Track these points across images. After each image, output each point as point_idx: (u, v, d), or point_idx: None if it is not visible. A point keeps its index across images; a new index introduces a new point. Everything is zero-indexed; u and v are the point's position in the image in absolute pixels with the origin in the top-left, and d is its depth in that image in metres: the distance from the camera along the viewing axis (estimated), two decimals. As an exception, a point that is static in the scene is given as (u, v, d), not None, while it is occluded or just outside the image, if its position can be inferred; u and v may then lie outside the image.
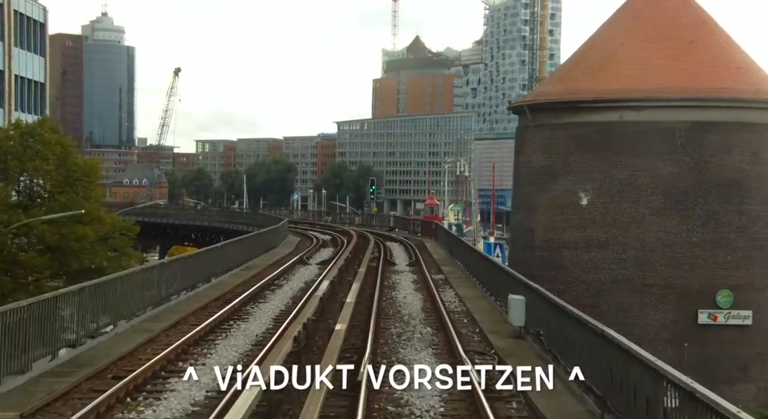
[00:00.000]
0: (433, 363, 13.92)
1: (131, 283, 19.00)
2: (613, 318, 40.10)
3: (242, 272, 29.54)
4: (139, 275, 20.00)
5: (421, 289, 25.38)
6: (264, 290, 24.77)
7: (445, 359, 14.73)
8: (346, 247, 40.28)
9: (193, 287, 24.51)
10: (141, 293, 19.67)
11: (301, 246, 42.69)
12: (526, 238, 43.92)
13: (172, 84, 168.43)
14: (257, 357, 14.31)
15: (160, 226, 75.97)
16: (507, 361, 14.33)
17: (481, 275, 25.67)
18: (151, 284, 20.56)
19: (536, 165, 43.37)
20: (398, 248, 43.30)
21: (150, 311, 20.12)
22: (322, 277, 26.15)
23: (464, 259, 31.67)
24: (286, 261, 33.18)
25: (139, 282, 19.59)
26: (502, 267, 20.81)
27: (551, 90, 42.96)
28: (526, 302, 17.12)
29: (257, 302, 22.26)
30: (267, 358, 12.89)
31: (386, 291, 24.49)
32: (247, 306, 21.45)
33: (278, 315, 20.04)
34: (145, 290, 19.96)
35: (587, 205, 41.34)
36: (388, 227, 62.46)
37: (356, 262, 33.56)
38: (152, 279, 20.75)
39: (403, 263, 34.32)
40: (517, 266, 42.96)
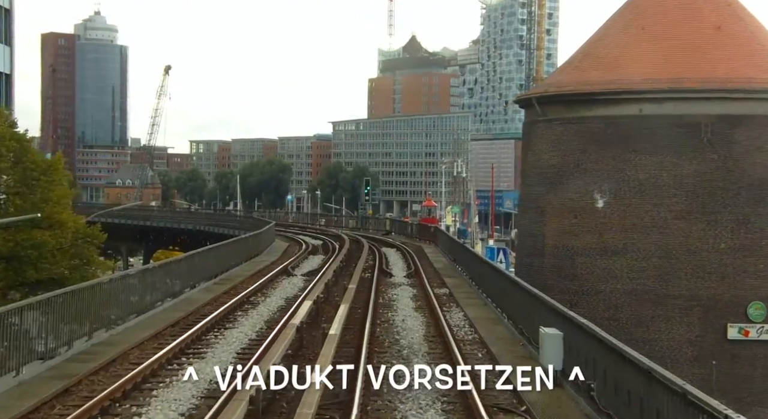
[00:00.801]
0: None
1: (63, 306, 14.96)
2: (632, 332, 36.35)
3: (216, 285, 25.65)
4: (80, 295, 15.87)
5: (423, 308, 21.50)
6: (235, 310, 20.85)
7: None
8: (337, 254, 36.44)
9: (153, 306, 20.65)
10: (73, 322, 15.44)
11: (288, 253, 38.78)
12: (534, 243, 40.06)
13: (162, 82, 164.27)
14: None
15: (145, 229, 72.04)
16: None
17: (494, 291, 21.70)
18: (88, 308, 16.30)
19: (546, 164, 39.51)
20: (395, 255, 39.46)
21: (80, 345, 15.83)
22: (306, 293, 22.32)
23: (471, 270, 27.79)
24: (269, 272, 29.31)
25: (73, 305, 15.50)
26: (527, 288, 16.87)
27: (563, 81, 39.10)
28: (564, 338, 13.22)
29: (223, 329, 18.31)
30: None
31: (381, 311, 20.58)
32: (209, 334, 17.53)
33: (246, 347, 16.03)
34: (80, 317, 15.82)
35: (603, 207, 37.48)
36: (384, 230, 58.53)
37: (348, 273, 29.78)
38: (92, 300, 16.54)
39: (401, 274, 30.42)
40: (524, 274, 39.15)
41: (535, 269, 39.80)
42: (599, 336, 11.79)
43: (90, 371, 13.58)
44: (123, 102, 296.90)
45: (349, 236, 50.46)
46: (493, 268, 22.80)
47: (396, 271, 31.29)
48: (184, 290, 23.58)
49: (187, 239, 68.29)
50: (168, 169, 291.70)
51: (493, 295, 21.82)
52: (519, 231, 41.94)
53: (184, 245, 68.30)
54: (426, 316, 19.82)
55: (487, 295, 22.94)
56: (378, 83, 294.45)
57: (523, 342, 16.74)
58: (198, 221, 65.47)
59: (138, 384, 12.77)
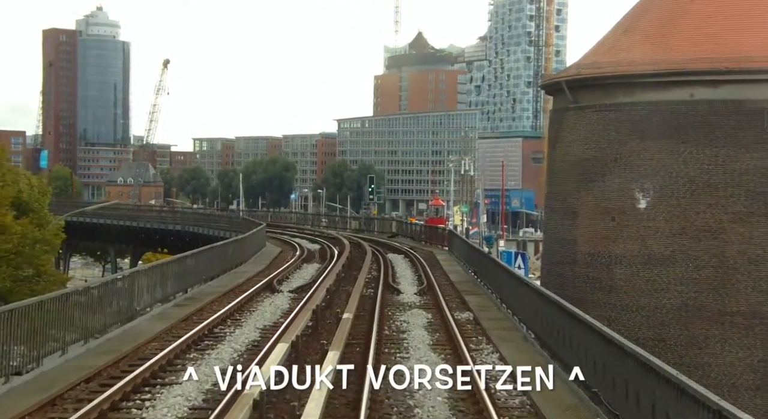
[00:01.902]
0: None
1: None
2: (682, 355, 30.90)
3: (175, 309, 20.03)
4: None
5: (443, 345, 15.89)
6: (189, 350, 15.30)
7: None
8: (336, 262, 31.05)
9: (85, 340, 15.28)
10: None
11: (278, 261, 33.33)
12: (564, 250, 34.54)
13: (160, 76, 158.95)
14: None
15: (133, 230, 66.70)
16: None
17: (539, 323, 16.00)
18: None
19: (578, 158, 33.99)
20: (403, 263, 34.00)
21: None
22: (288, 323, 16.91)
23: (498, 286, 22.08)
24: (249, 287, 23.92)
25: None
26: (609, 334, 11.12)
27: (599, 61, 33.51)
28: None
29: (156, 392, 12.39)
30: None
31: (387, 353, 15.07)
32: (131, 401, 11.90)
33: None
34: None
35: (646, 208, 31.99)
36: (390, 233, 53.01)
37: (345, 290, 24.42)
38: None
39: (411, 290, 24.86)
40: (553, 284, 33.69)
41: (566, 279, 34.29)
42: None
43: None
44: (125, 99, 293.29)
45: (351, 239, 45.08)
46: (541, 295, 16.59)
47: (405, 285, 25.80)
48: (137, 314, 18.21)
49: (176, 241, 62.93)
50: (171, 167, 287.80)
51: (537, 328, 16.18)
52: (546, 236, 36.43)
53: (173, 246, 62.97)
54: (450, 359, 14.30)
55: (527, 326, 17.36)
56: (384, 80, 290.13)
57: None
58: (186, 222, 60.06)
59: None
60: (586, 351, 12.56)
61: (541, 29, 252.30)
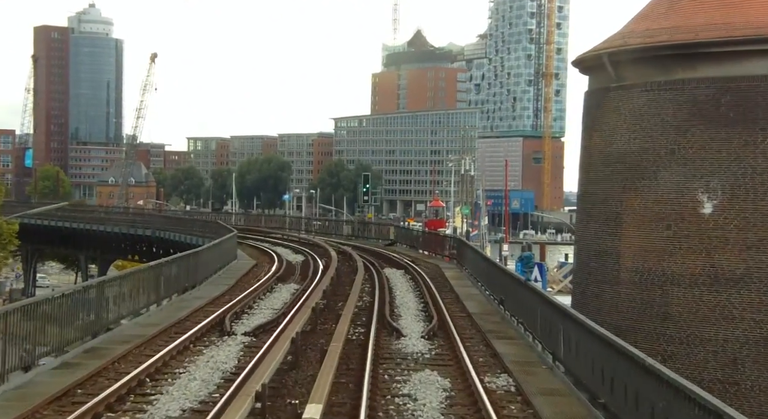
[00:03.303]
0: None
1: None
2: (761, 403, 24.13)
3: (58, 372, 12.89)
4: None
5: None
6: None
7: None
8: (318, 283, 24.16)
9: None
10: None
11: (246, 281, 26.24)
12: (604, 266, 27.65)
13: (148, 71, 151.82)
14: None
15: (100, 235, 59.85)
16: None
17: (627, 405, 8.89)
18: None
19: (623, 150, 27.15)
20: (403, 283, 26.95)
21: None
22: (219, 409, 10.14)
23: (549, 333, 14.75)
24: (191, 325, 16.95)
25: None
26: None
27: (650, 29, 26.57)
28: None
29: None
30: None
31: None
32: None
33: None
34: None
35: (713, 214, 25.19)
36: (387, 240, 45.99)
37: (326, 327, 17.56)
38: None
39: (416, 329, 17.55)
40: (588, 307, 26.87)
41: (605, 303, 27.41)
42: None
43: None
44: (118, 98, 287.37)
45: (340, 249, 38.16)
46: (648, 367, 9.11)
47: (407, 321, 18.69)
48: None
49: (149, 248, 56.10)
50: (165, 167, 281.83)
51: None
52: (579, 247, 29.46)
53: (145, 254, 56.18)
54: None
55: (607, 410, 10.26)
56: (382, 78, 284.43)
57: None
58: (156, 226, 53.24)
59: None
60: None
61: (542, 27, 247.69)
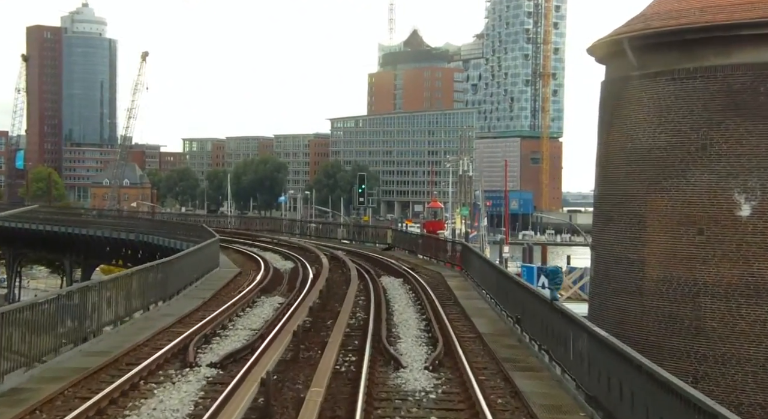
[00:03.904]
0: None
1: None
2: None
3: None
4: None
5: None
6: None
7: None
8: (306, 296, 21.27)
9: None
10: None
11: (225, 293, 23.26)
12: (626, 274, 24.77)
13: (139, 70, 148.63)
14: None
15: (83, 239, 56.93)
16: None
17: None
18: None
19: (647, 145, 24.30)
20: (402, 295, 23.99)
21: None
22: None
23: (569, 353, 12.14)
24: (148, 354, 14.03)
25: None
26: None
27: (679, 9, 23.69)
28: None
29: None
30: None
31: None
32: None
33: None
34: None
35: (751, 216, 22.35)
36: (384, 244, 43.04)
37: (308, 354, 14.69)
38: None
39: (419, 356, 14.30)
40: (608, 322, 24.00)
41: (628, 316, 24.53)
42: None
43: None
44: (112, 98, 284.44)
45: (333, 255, 35.25)
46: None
47: (407, 345, 15.67)
48: None
49: (131, 252, 53.17)
50: (160, 168, 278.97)
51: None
52: (597, 254, 26.56)
53: (130, 258, 53.25)
54: None
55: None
56: (378, 78, 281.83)
57: None
58: (139, 229, 50.34)
59: None
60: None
61: (540, 26, 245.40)
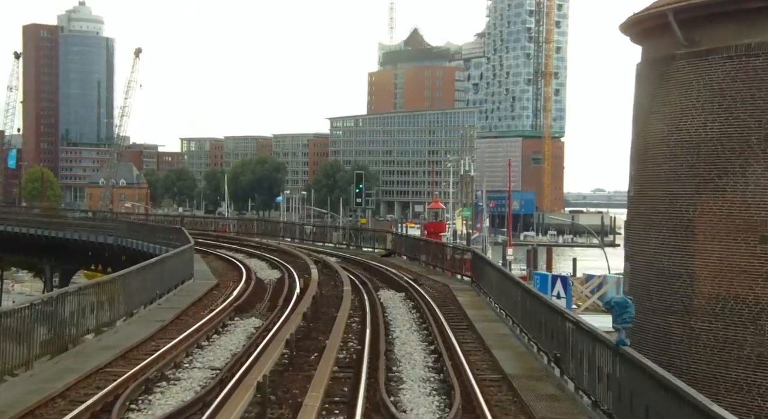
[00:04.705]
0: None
1: None
2: None
3: None
4: None
5: None
6: None
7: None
8: (288, 318, 17.36)
9: None
10: None
11: (195, 312, 19.24)
12: (669, 290, 20.80)
13: (132, 67, 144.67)
14: None
15: (60, 242, 53.10)
16: None
17: None
18: None
19: (696, 137, 20.34)
20: (404, 315, 19.79)
21: None
22: None
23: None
24: (72, 407, 10.23)
25: None
26: None
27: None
28: None
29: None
30: None
31: None
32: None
33: None
34: None
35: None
36: (384, 249, 38.97)
37: (283, 413, 10.83)
38: None
39: (429, 416, 10.87)
40: (648, 346, 20.06)
41: (674, 341, 20.54)
42: None
43: None
44: (109, 97, 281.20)
45: (326, 263, 31.31)
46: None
47: (413, 396, 11.18)
48: None
49: (114, 257, 49.17)
50: (158, 168, 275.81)
51: None
52: (632, 265, 22.55)
53: (112, 263, 49.20)
54: None
55: None
56: (378, 77, 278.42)
57: None
58: (119, 232, 46.50)
59: None
60: None
61: (542, 25, 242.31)
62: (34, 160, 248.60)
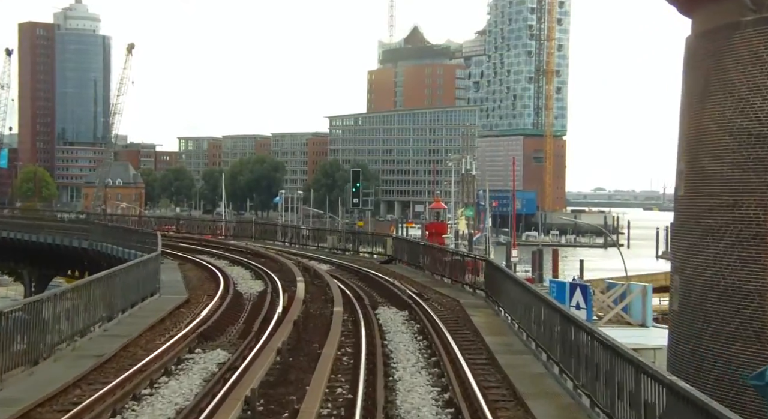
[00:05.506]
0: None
1: None
2: None
3: None
4: None
5: None
6: None
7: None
8: (261, 350, 13.53)
9: None
10: None
11: (146, 341, 15.15)
12: (734, 311, 16.89)
13: (125, 64, 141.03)
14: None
15: (32, 246, 49.54)
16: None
17: None
18: None
19: (763, 123, 16.44)
20: (408, 344, 15.33)
21: None
22: None
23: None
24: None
25: None
26: None
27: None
28: None
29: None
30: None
31: None
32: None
33: None
34: None
35: None
36: (383, 255, 34.94)
37: None
38: None
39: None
40: (704, 379, 16.12)
41: (741, 371, 16.61)
42: None
43: None
44: (106, 96, 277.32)
45: (316, 273, 27.45)
46: None
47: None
48: None
49: (87, 263, 45.44)
50: (156, 168, 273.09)
51: None
52: (681, 277, 18.54)
53: (87, 268, 45.38)
54: None
55: None
56: (378, 75, 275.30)
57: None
58: (94, 236, 42.74)
59: None
60: None
61: (543, 23, 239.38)
62: (30, 159, 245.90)
